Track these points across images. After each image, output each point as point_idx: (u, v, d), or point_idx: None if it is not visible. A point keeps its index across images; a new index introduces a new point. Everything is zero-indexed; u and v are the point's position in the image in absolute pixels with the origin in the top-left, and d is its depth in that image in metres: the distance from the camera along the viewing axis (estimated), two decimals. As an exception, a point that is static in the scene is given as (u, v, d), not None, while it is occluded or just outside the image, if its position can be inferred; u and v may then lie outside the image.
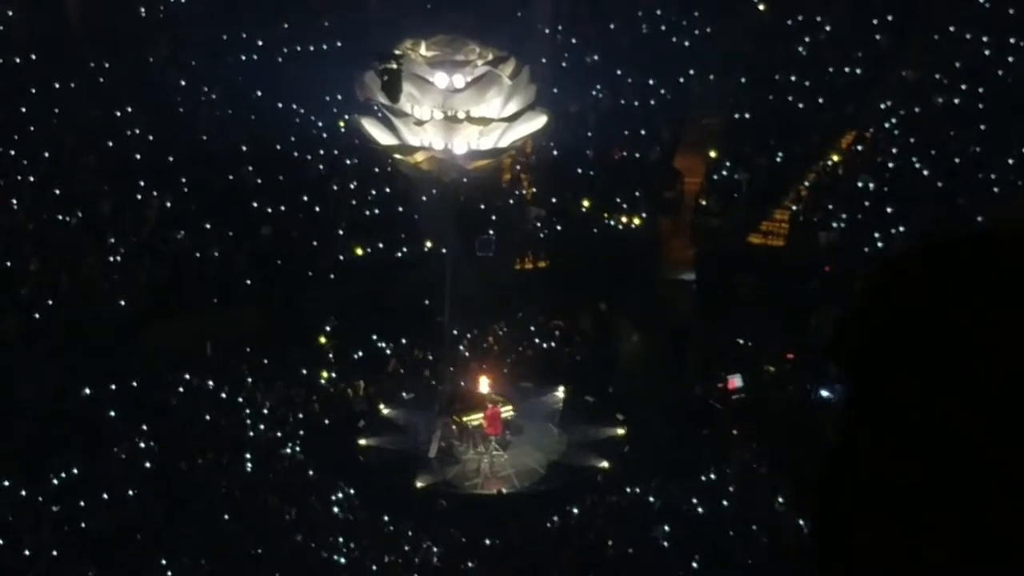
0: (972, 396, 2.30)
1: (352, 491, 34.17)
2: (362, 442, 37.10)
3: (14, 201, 44.75)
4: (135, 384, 37.82)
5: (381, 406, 38.84)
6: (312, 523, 32.43)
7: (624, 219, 47.63)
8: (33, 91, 50.58)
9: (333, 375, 39.66)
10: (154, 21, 56.77)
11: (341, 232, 45.61)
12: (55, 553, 30.33)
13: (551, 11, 54.99)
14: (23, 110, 49.60)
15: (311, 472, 34.96)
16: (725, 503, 32.66)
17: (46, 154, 47.44)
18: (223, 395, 37.91)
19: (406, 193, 45.83)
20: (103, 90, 51.78)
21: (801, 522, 31.30)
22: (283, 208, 46.11)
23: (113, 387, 37.38)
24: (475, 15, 49.60)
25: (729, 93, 53.10)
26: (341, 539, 31.76)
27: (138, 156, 48.17)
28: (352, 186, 48.01)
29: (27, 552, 30.25)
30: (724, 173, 49.32)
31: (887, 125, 50.23)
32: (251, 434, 36.43)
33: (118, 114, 50.43)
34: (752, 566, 30.37)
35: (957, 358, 2.32)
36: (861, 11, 54.97)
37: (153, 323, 41.00)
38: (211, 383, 38.29)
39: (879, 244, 44.21)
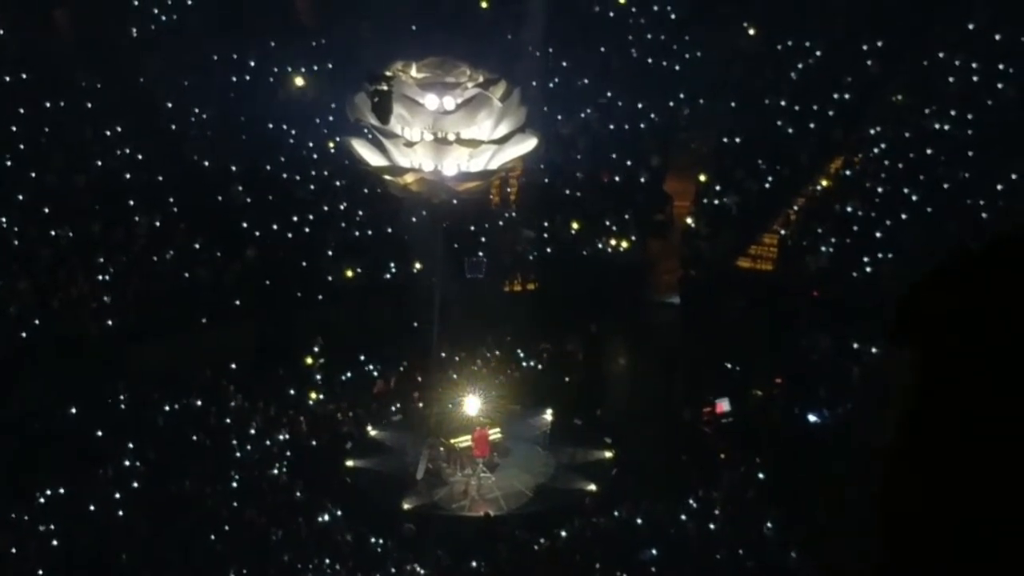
0: None
1: (339, 512, 34.10)
2: (349, 463, 37.06)
3: (3, 219, 44.68)
4: (123, 403, 37.79)
5: (368, 427, 38.81)
6: (298, 544, 32.35)
7: (613, 242, 47.68)
8: (23, 109, 50.55)
9: (321, 396, 39.63)
10: (145, 41, 56.81)
11: (330, 253, 45.62)
12: (41, 573, 30.23)
13: (542, 34, 55.05)
14: (13, 129, 49.56)
15: (298, 493, 34.89)
16: (712, 526, 32.61)
17: (35, 173, 47.40)
18: (211, 415, 37.86)
19: (396, 214, 45.84)
20: (93, 109, 51.78)
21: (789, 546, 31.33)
22: (272, 228, 46.11)
23: (101, 406, 37.32)
24: (466, 37, 49.69)
25: (719, 117, 53.20)
26: (327, 560, 31.67)
27: (128, 175, 48.19)
28: (342, 207, 48.05)
29: (12, 572, 30.14)
30: (713, 197, 49.39)
31: (876, 150, 50.35)
32: (238, 454, 36.37)
33: (108, 133, 50.43)
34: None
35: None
36: (851, 37, 55.13)
37: (142, 342, 40.98)
38: (199, 403, 38.25)
39: (867, 269, 44.28)
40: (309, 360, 40.85)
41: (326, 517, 33.82)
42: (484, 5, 59.26)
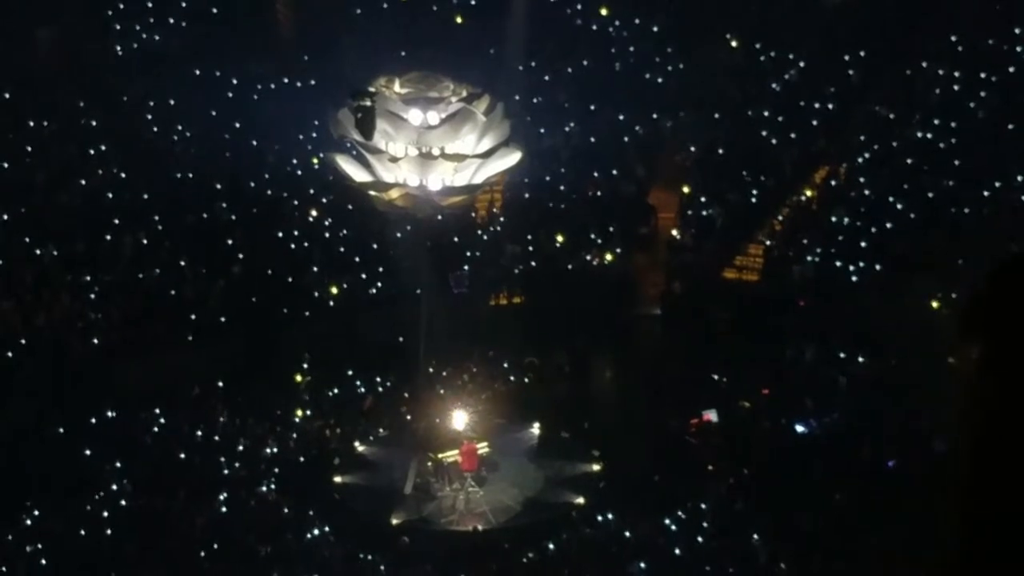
0: None
1: (327, 528, 34.06)
2: (337, 479, 36.98)
3: (-12, 238, 44.68)
4: (109, 422, 37.70)
5: (356, 443, 38.74)
6: (287, 561, 32.31)
7: (598, 255, 47.66)
8: (6, 129, 50.52)
9: (308, 412, 39.56)
10: (129, 59, 56.83)
11: (316, 269, 45.57)
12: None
13: (524, 48, 55.11)
14: (-4, 148, 49.59)
15: (286, 509, 34.84)
16: (701, 539, 32.61)
17: (19, 191, 47.36)
18: (198, 433, 37.79)
19: (380, 230, 45.80)
20: (77, 128, 51.76)
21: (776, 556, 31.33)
22: (257, 245, 46.04)
23: (87, 425, 37.24)
24: (449, 52, 49.74)
25: (702, 129, 53.24)
26: (316, 576, 31.67)
27: (112, 194, 48.15)
28: (326, 223, 47.99)
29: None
30: (698, 208, 49.41)
31: (860, 160, 50.42)
32: (226, 472, 36.30)
33: (92, 152, 50.40)
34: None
35: None
36: (833, 47, 55.23)
37: (128, 361, 40.88)
38: (186, 421, 38.16)
39: (853, 278, 44.34)
40: (296, 377, 40.76)
41: (315, 533, 33.79)
42: (459, 20, 59.30)
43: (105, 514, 33.54)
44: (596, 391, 42.73)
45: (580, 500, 35.66)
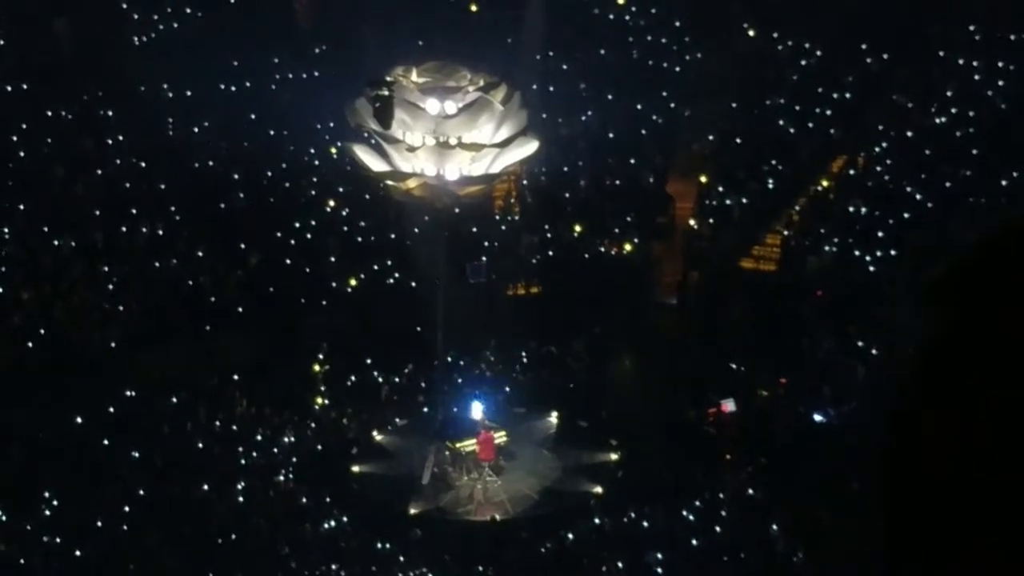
0: None
1: (345, 518, 34.07)
2: (355, 469, 36.98)
3: (6, 229, 44.74)
4: (128, 411, 37.74)
5: (374, 432, 38.74)
6: (305, 550, 32.33)
7: (616, 244, 47.62)
8: (25, 119, 50.61)
9: (326, 402, 39.57)
10: (146, 50, 56.94)
11: (333, 259, 45.58)
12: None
13: (542, 37, 55.10)
14: (15, 139, 49.63)
15: (304, 499, 34.86)
16: (718, 528, 32.59)
17: (37, 182, 47.46)
18: (216, 422, 37.82)
19: (398, 220, 45.80)
20: (95, 119, 51.85)
21: (793, 547, 31.32)
22: (275, 235, 46.07)
23: (106, 415, 37.29)
24: (466, 41, 49.73)
25: (720, 118, 53.19)
26: (334, 566, 31.67)
27: (130, 184, 48.20)
28: (344, 213, 48.01)
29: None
30: (715, 198, 49.35)
31: (878, 149, 50.34)
32: (244, 461, 36.34)
33: (110, 142, 50.48)
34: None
35: None
36: (851, 36, 55.15)
37: (146, 350, 40.94)
38: (204, 410, 38.19)
39: (870, 268, 44.26)
40: (314, 366, 40.75)
41: (332, 523, 33.82)
42: (475, 9, 59.37)
43: (123, 504, 33.59)
44: (614, 380, 42.69)
45: (598, 489, 35.65)
